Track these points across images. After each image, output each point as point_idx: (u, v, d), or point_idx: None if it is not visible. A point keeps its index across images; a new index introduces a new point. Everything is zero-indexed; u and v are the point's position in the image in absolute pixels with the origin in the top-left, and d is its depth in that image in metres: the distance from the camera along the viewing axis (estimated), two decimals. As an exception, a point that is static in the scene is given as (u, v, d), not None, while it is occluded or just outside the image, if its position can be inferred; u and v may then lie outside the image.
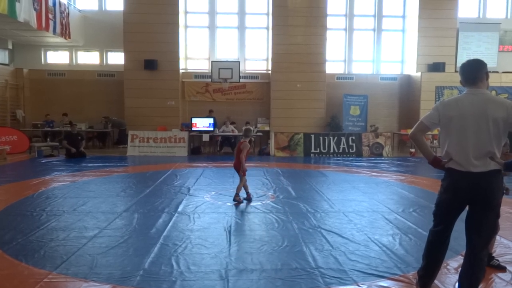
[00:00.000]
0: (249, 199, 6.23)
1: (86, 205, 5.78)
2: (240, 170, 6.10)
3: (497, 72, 15.92)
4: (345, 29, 16.61)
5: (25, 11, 11.67)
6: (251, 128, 6.50)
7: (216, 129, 13.38)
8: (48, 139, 13.36)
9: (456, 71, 15.78)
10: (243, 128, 6.53)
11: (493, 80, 15.55)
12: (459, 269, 3.44)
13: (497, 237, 4.32)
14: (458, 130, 2.69)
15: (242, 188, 6.19)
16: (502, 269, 3.54)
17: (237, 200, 6.07)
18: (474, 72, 2.74)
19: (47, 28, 13.11)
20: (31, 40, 15.37)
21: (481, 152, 2.62)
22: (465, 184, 2.67)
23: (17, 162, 10.65)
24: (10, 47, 15.82)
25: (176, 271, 3.42)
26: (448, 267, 3.53)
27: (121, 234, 4.45)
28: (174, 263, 3.59)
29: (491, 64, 16.25)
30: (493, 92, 15.27)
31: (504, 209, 5.58)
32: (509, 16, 16.93)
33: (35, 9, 12.21)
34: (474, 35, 16.16)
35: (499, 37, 16.34)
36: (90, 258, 3.70)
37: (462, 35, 16.08)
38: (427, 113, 2.87)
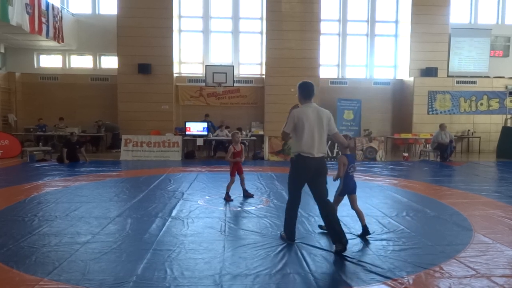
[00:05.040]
0: (226, 199, 6.53)
1: (78, 210, 5.73)
2: None
3: (488, 77, 16.11)
4: (339, 34, 16.74)
5: (17, 15, 11.61)
6: (236, 132, 6.95)
7: (210, 133, 13.36)
8: (41, 144, 13.25)
9: (448, 76, 15.96)
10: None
11: (485, 85, 15.73)
12: (452, 273, 3.48)
13: (490, 241, 4.37)
14: (308, 130, 4.05)
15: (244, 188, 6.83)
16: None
17: (225, 199, 6.47)
18: (311, 90, 4.22)
19: (40, 32, 13.04)
20: (24, 43, 15.28)
21: (321, 144, 4.12)
22: (312, 164, 4.10)
23: (9, 167, 10.54)
24: (2, 50, 15.72)
25: (169, 277, 3.39)
26: (441, 271, 3.54)
27: (114, 239, 4.41)
28: (167, 269, 3.56)
29: (482, 69, 16.46)
30: (485, 97, 15.49)
31: (496, 212, 5.67)
32: (500, 22, 17.17)
33: (28, 12, 12.15)
34: (465, 40, 16.35)
35: (490, 42, 16.56)
36: (82, 264, 3.66)
37: (454, 40, 16.27)
38: (287, 124, 4.11)
